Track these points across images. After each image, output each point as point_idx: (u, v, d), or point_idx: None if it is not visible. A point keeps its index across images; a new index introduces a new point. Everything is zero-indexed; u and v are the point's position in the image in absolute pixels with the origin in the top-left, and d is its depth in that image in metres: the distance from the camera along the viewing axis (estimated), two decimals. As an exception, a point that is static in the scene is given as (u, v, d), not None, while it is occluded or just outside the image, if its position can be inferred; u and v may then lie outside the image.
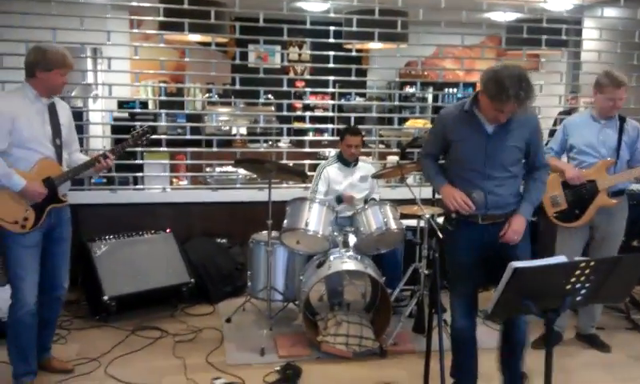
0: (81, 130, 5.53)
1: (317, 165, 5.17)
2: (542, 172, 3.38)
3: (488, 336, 4.57)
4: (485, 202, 3.21)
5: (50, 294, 3.71)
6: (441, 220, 5.25)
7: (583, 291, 2.45)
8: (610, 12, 6.61)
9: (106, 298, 4.53)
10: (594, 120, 4.18)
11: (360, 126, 5.40)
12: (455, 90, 9.44)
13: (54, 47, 3.51)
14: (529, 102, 3.03)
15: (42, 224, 3.51)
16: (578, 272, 2.36)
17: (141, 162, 5.54)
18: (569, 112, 6.22)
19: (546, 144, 4.32)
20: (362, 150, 5.05)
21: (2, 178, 3.35)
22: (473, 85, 9.22)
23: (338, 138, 5.12)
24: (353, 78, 6.00)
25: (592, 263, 2.36)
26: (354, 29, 5.85)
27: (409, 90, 9.02)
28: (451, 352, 3.52)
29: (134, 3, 5.58)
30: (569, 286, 2.40)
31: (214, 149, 5.76)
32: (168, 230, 5.12)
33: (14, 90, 3.63)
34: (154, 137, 5.45)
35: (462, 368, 3.49)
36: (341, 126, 6.02)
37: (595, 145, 4.15)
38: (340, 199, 4.81)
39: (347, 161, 4.92)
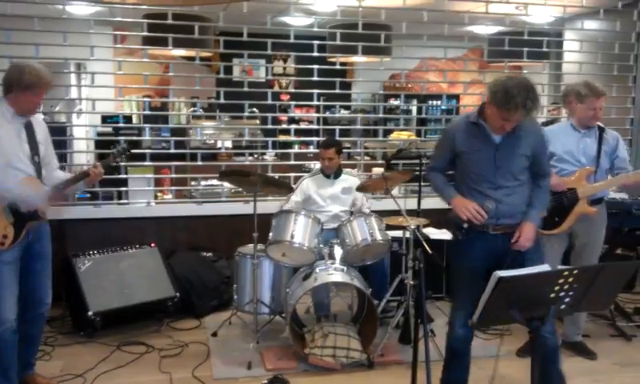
0: (64, 145, 5.51)
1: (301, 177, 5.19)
2: (547, 180, 3.46)
3: (476, 344, 4.61)
4: (496, 212, 3.25)
5: (32, 310, 3.66)
6: (427, 230, 5.33)
7: (567, 299, 2.46)
8: (590, 24, 6.72)
9: (90, 313, 4.48)
10: (574, 129, 4.25)
11: (345, 139, 5.42)
12: (439, 101, 9.51)
13: (31, 67, 3.44)
14: (535, 111, 3.13)
15: (20, 240, 3.46)
16: (561, 280, 2.38)
17: (125, 176, 5.52)
18: (551, 122, 6.29)
19: None
20: (347, 162, 5.07)
21: None
22: (456, 96, 9.29)
23: (321, 155, 5.15)
24: (337, 91, 6.03)
25: (575, 271, 2.38)
26: (338, 43, 5.89)
27: (393, 102, 9.08)
28: (444, 362, 3.53)
29: (118, 18, 5.58)
30: (553, 295, 2.42)
31: (199, 162, 5.75)
32: (153, 245, 5.09)
33: None
34: (137, 151, 5.48)
35: (454, 380, 3.50)
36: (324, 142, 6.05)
37: (575, 153, 4.22)
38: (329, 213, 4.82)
39: (327, 173, 4.95)
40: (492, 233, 3.30)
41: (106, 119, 6.51)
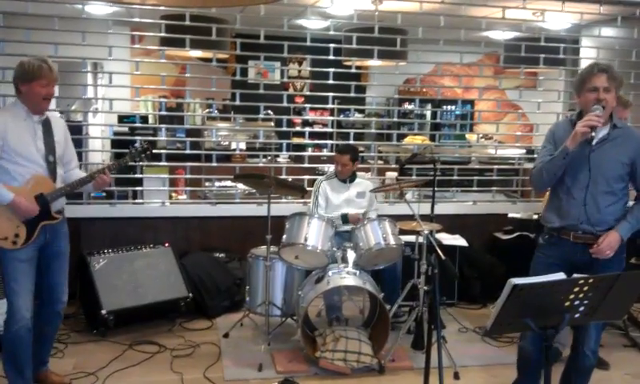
0: (80, 143, 5.55)
1: (315, 180, 5.19)
2: None
3: (488, 352, 4.60)
4: (582, 214, 3.18)
5: (49, 308, 3.70)
6: (440, 236, 5.32)
7: (582, 308, 2.45)
8: (608, 31, 6.67)
9: (104, 311, 4.52)
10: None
11: (358, 142, 5.42)
12: (454, 106, 9.49)
13: (31, 59, 3.46)
14: (617, 76, 3.12)
15: (34, 240, 3.49)
16: (576, 289, 2.37)
17: (140, 176, 5.55)
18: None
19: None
20: (361, 165, 5.07)
21: None
22: (471, 102, 9.27)
23: (335, 161, 5.17)
24: (352, 94, 6.03)
25: (591, 280, 2.37)
26: (354, 46, 5.90)
27: (407, 106, 9.07)
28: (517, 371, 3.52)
29: (136, 19, 5.62)
30: (568, 303, 2.41)
31: (214, 164, 5.77)
32: (166, 244, 5.12)
33: (7, 106, 3.62)
34: (153, 151, 5.51)
35: None
36: (340, 142, 6.06)
37: None
38: (346, 219, 4.82)
39: (341, 178, 4.96)
40: (572, 241, 3.23)
41: (122, 119, 6.55)
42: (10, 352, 3.54)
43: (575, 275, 2.41)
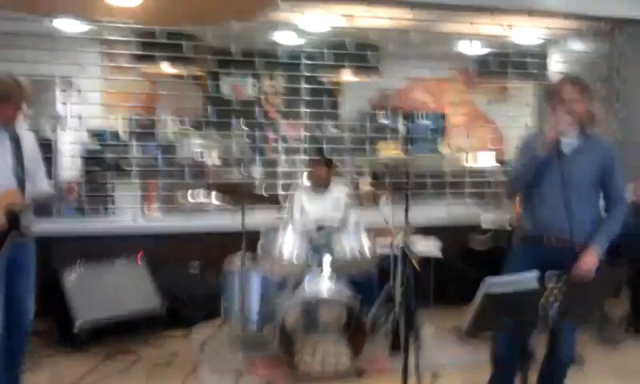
0: (50, 161, 5.48)
1: (289, 185, 5.18)
2: (618, 205, 3.33)
3: (461, 353, 4.61)
4: (556, 221, 3.21)
5: (15, 324, 3.60)
6: (414, 238, 5.32)
7: (556, 305, 2.47)
8: (576, 45, 6.81)
9: (77, 324, 4.46)
10: None
11: (335, 158, 5.46)
12: (427, 120, 9.55)
13: (3, 79, 3.42)
14: (587, 87, 3.21)
15: (2, 254, 3.43)
16: (551, 286, 2.40)
17: (112, 194, 5.50)
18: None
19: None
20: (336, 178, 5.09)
21: None
22: (443, 115, 9.35)
23: (310, 169, 5.18)
24: (326, 110, 6.07)
25: (564, 277, 2.40)
26: (328, 62, 5.94)
27: (381, 119, 9.10)
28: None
29: (107, 37, 5.59)
30: (543, 301, 2.43)
31: (187, 180, 5.73)
32: (139, 256, 5.07)
33: None
34: (125, 168, 5.46)
35: None
36: (313, 157, 6.06)
37: None
38: (321, 228, 4.81)
39: (317, 186, 4.97)
40: (546, 246, 3.27)
41: (93, 135, 6.47)
42: None
43: (549, 272, 2.43)
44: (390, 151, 7.28)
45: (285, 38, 6.42)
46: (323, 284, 4.27)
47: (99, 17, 3.94)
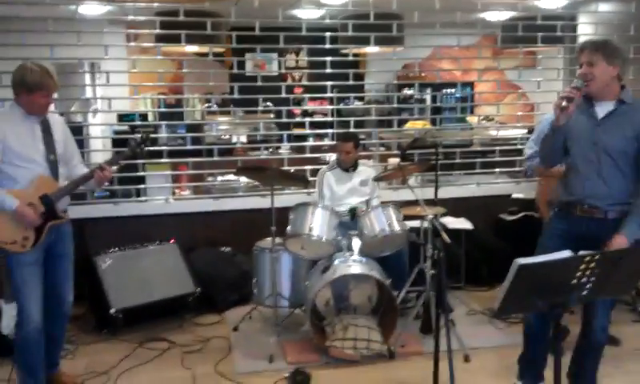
0: (81, 144, 5.55)
1: (318, 170, 5.18)
2: None
3: (498, 333, 4.60)
4: (587, 188, 3.19)
5: (55, 310, 3.71)
6: (445, 220, 5.32)
7: (589, 285, 2.45)
8: (605, 7, 6.63)
9: (112, 311, 4.53)
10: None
11: (359, 130, 5.42)
12: (453, 90, 9.45)
13: (34, 68, 3.41)
14: (602, 48, 3.13)
15: (42, 241, 3.50)
16: (583, 266, 2.37)
17: (143, 173, 5.56)
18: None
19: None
20: (363, 153, 5.06)
21: None
22: (470, 84, 9.23)
23: (338, 151, 5.16)
24: (350, 82, 6.02)
25: (597, 256, 2.37)
26: (350, 34, 5.88)
27: (407, 91, 9.04)
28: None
29: (131, 17, 5.61)
30: (574, 281, 2.41)
31: (215, 158, 5.77)
32: (172, 241, 5.13)
33: (4, 109, 3.58)
34: (155, 148, 5.51)
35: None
36: (340, 131, 6.05)
37: None
38: (354, 213, 4.80)
39: (344, 166, 4.95)
40: (578, 215, 3.24)
41: (122, 118, 6.55)
42: (22, 355, 3.56)
43: (581, 252, 2.41)
44: (417, 125, 7.23)
45: (307, 13, 6.37)
46: (354, 264, 4.27)
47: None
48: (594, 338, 3.30)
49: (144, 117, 6.83)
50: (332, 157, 5.72)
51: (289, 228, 4.42)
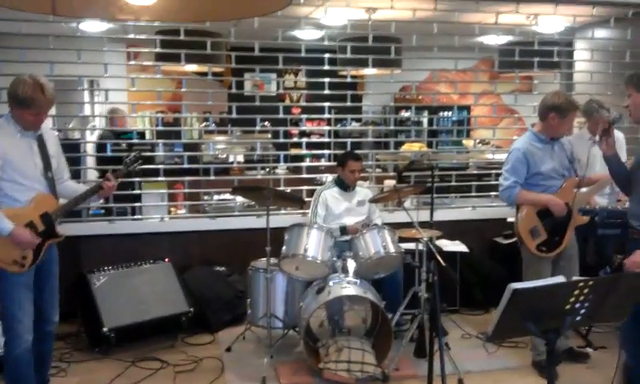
0: (78, 161, 5.55)
1: (314, 190, 5.18)
2: None
3: (492, 357, 4.58)
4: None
5: (41, 329, 3.65)
6: (440, 242, 5.32)
7: (583, 311, 2.45)
8: (601, 33, 6.70)
9: (105, 329, 4.50)
10: (545, 142, 4.23)
11: (357, 151, 5.41)
12: (450, 113, 9.49)
13: (28, 82, 3.32)
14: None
15: (40, 260, 3.47)
16: (577, 292, 2.36)
17: (139, 192, 5.55)
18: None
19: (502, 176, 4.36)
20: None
21: None
22: (467, 107, 9.27)
23: (334, 164, 5.16)
24: (348, 103, 6.05)
25: (591, 282, 2.37)
26: (348, 56, 5.92)
27: (404, 114, 9.08)
28: None
29: (131, 36, 5.64)
30: (568, 306, 2.40)
31: (212, 177, 5.77)
32: (167, 260, 5.11)
33: (2, 122, 3.45)
34: (151, 167, 5.51)
35: None
36: (337, 152, 6.06)
37: (557, 167, 4.22)
38: (344, 230, 4.81)
39: (346, 185, 4.95)
40: (633, 236, 3.38)
41: (119, 135, 6.54)
42: (12, 375, 3.52)
43: (575, 277, 2.41)
44: (413, 147, 7.25)
45: (306, 34, 6.42)
46: (348, 286, 4.26)
47: (119, 16, 3.93)
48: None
49: (142, 135, 6.83)
50: (328, 177, 5.72)
51: (284, 248, 4.42)
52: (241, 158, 7.26)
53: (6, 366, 3.55)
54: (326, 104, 5.99)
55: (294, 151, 6.93)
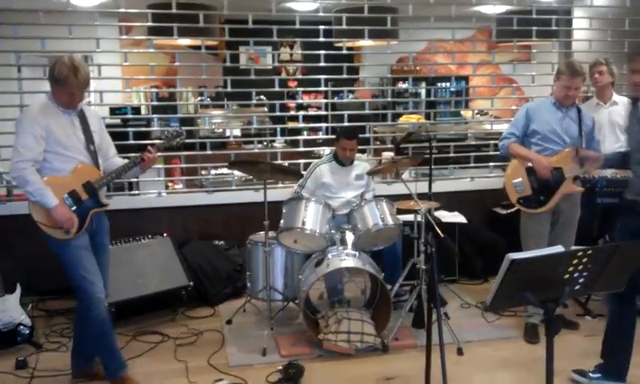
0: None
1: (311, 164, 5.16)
2: None
3: (491, 327, 4.61)
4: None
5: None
6: (439, 214, 5.32)
7: (582, 280, 2.46)
8: (599, 1, 6.63)
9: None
10: (557, 108, 4.28)
11: (353, 124, 5.40)
12: (448, 83, 9.45)
13: (66, 63, 3.39)
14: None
15: (86, 228, 3.55)
16: (575, 261, 2.37)
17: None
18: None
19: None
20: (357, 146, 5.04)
21: (35, 194, 3.39)
22: (465, 78, 9.24)
23: (332, 137, 5.13)
24: (345, 76, 6.00)
25: (589, 252, 2.37)
26: (344, 27, 5.86)
27: (401, 85, 9.03)
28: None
29: (123, 10, 5.57)
30: (567, 276, 2.41)
31: (208, 152, 5.75)
32: (165, 234, 5.11)
33: (42, 101, 3.56)
34: (147, 142, 5.48)
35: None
36: (335, 125, 6.03)
37: (559, 132, 4.25)
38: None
39: (342, 161, 4.93)
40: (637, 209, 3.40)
41: (114, 111, 6.51)
42: (98, 337, 3.63)
43: (573, 247, 2.41)
44: (411, 119, 7.22)
45: (301, 5, 6.34)
46: (347, 258, 4.26)
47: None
48: None
49: (137, 110, 6.78)
50: (325, 151, 5.70)
51: (282, 222, 4.41)
52: (238, 133, 7.22)
53: (91, 330, 3.62)
54: (322, 77, 5.94)
55: (291, 125, 6.89)
